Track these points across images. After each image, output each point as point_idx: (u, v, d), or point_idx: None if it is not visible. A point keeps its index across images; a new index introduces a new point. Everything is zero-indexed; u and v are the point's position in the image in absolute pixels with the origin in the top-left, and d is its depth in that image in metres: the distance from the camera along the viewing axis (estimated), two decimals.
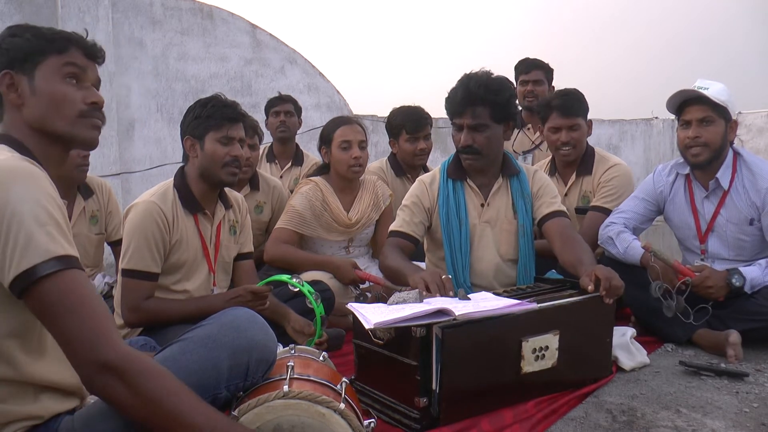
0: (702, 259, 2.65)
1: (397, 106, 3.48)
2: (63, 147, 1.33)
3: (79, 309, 1.09)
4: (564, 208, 2.48)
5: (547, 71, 3.91)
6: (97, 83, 1.39)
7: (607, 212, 2.92)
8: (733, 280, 2.39)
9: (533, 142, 3.81)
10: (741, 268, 2.43)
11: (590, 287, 1.95)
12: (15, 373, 1.16)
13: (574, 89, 3.14)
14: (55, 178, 1.27)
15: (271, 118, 4.10)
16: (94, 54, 1.37)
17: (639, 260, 2.54)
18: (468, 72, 2.39)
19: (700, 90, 2.50)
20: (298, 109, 4.19)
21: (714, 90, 2.50)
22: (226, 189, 2.38)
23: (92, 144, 1.34)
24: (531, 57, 3.93)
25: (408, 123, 3.34)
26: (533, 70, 3.83)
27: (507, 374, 1.81)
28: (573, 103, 3.05)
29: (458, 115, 2.38)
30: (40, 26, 1.35)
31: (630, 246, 2.59)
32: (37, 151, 1.27)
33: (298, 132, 4.29)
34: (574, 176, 3.12)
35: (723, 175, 2.56)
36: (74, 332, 1.08)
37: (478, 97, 2.32)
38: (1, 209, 1.09)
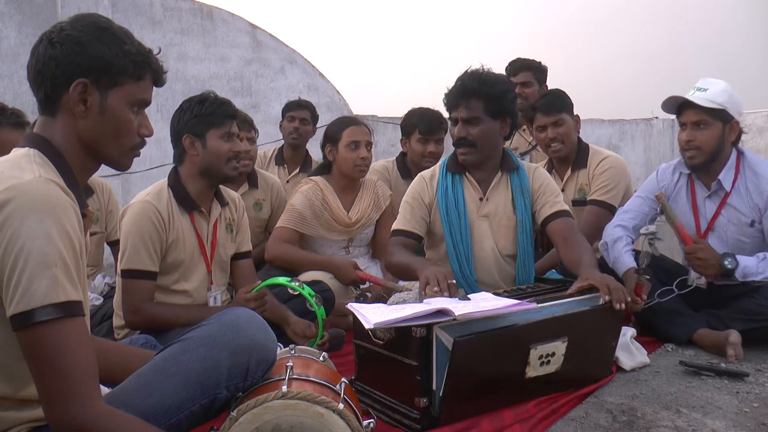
0: None
1: (416, 106, 3.48)
2: (99, 162, 1.31)
3: (63, 363, 1.07)
4: (567, 208, 2.47)
5: (536, 71, 3.91)
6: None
7: (603, 205, 2.96)
8: (726, 262, 2.39)
9: (530, 143, 3.82)
10: (738, 256, 2.42)
11: (605, 298, 1.91)
12: (23, 390, 1.17)
13: (556, 89, 3.25)
14: (82, 185, 1.27)
15: (286, 122, 4.04)
16: (162, 83, 1.35)
17: (622, 275, 2.49)
18: (467, 68, 2.42)
19: (699, 91, 2.49)
20: (315, 118, 4.14)
21: (713, 91, 2.48)
22: (222, 187, 2.39)
23: (126, 169, 1.34)
24: (522, 57, 3.94)
25: (422, 123, 3.35)
26: (520, 72, 3.86)
27: (510, 378, 1.81)
28: (554, 100, 3.14)
29: (453, 108, 2.41)
30: (117, 30, 1.26)
31: (618, 260, 2.55)
32: (73, 160, 1.24)
33: None
34: (569, 171, 3.16)
35: (725, 176, 2.55)
36: (53, 385, 1.08)
37: (473, 90, 2.35)
38: (13, 240, 1.07)
